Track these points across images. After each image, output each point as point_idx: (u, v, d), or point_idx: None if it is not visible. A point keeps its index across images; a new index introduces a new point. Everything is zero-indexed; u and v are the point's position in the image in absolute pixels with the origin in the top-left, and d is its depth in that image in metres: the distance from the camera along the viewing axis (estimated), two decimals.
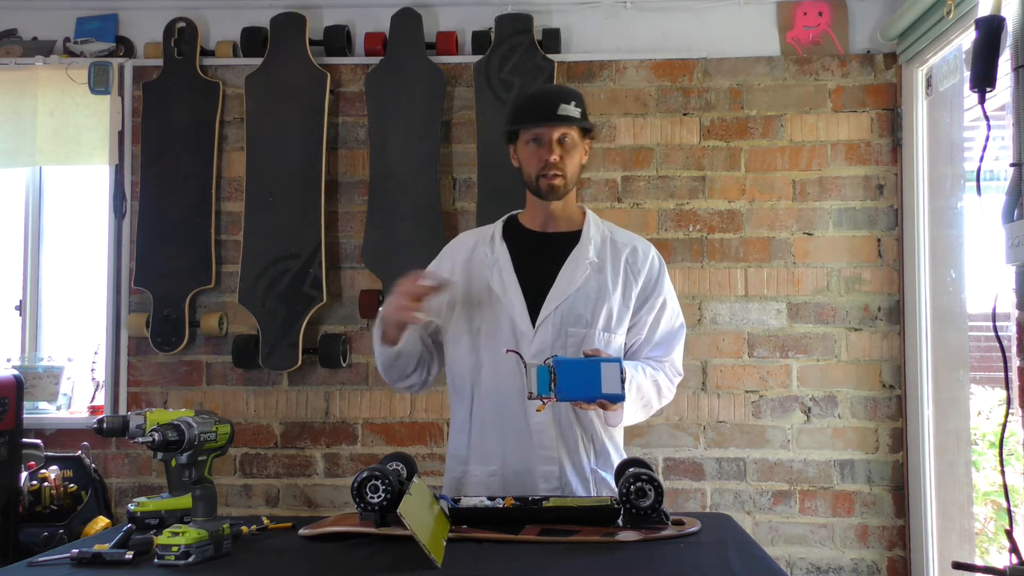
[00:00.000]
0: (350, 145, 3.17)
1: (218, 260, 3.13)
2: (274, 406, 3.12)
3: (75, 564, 1.32)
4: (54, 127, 3.20)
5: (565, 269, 1.81)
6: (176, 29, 3.15)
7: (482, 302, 1.83)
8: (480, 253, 1.87)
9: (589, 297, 1.79)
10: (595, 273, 1.81)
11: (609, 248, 1.86)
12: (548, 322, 1.78)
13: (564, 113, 1.77)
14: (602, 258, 1.84)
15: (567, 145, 1.79)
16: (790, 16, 3.12)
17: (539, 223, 1.88)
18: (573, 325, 1.77)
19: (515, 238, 1.88)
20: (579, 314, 1.78)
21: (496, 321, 1.81)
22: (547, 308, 1.78)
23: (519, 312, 1.79)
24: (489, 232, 1.91)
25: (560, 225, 1.87)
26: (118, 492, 3.10)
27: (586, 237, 1.85)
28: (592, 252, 1.83)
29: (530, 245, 1.86)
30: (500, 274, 1.82)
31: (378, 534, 1.43)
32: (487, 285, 1.83)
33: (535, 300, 1.79)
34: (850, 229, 3.06)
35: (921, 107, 2.95)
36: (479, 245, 1.89)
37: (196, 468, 1.49)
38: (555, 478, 1.77)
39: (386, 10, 3.11)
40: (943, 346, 2.84)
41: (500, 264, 1.83)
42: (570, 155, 1.79)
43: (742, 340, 3.05)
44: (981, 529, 3.11)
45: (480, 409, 1.83)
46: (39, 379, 3.17)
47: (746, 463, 3.03)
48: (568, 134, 1.78)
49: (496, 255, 1.85)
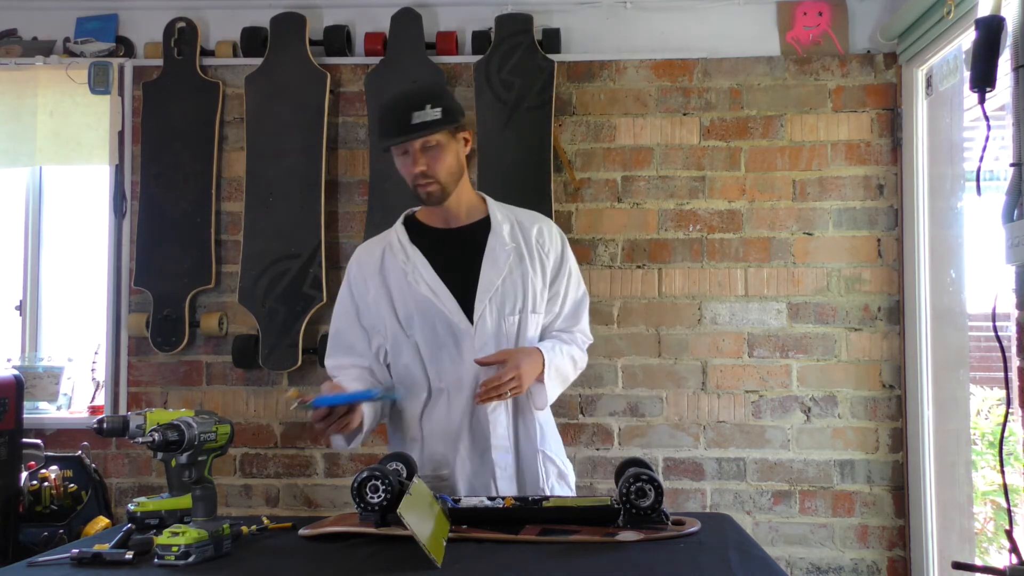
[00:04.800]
0: (350, 145, 3.17)
1: (218, 260, 3.13)
2: (274, 406, 3.12)
3: (75, 564, 1.32)
4: (54, 127, 3.19)
5: (487, 260, 1.82)
6: (176, 29, 3.15)
7: (411, 313, 1.81)
8: (391, 262, 1.85)
9: (516, 282, 1.82)
10: (515, 257, 1.83)
11: (519, 231, 1.88)
12: (485, 315, 1.79)
13: (419, 121, 1.72)
14: (516, 241, 1.86)
15: (433, 151, 1.76)
16: (790, 16, 3.12)
17: (441, 220, 1.88)
18: (510, 313, 1.81)
19: (424, 239, 1.86)
20: (511, 301, 1.81)
21: (432, 326, 1.80)
22: (480, 302, 1.79)
23: (454, 312, 1.79)
24: (391, 238, 1.88)
25: (464, 218, 1.87)
26: (118, 492, 3.10)
27: (496, 224, 1.86)
28: (507, 237, 1.85)
29: (442, 244, 1.85)
30: (423, 279, 1.80)
31: (378, 534, 1.43)
32: (411, 293, 1.81)
33: (465, 297, 1.80)
34: (850, 229, 3.06)
35: (921, 107, 2.95)
36: (386, 254, 1.86)
37: (196, 468, 1.49)
38: (509, 466, 1.81)
39: (386, 10, 3.11)
40: (943, 346, 2.84)
41: (419, 269, 1.81)
42: (438, 159, 1.76)
43: (742, 340, 3.05)
44: (981, 529, 3.11)
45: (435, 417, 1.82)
46: (39, 379, 3.17)
47: (746, 463, 3.03)
48: (431, 140, 1.75)
49: (412, 260, 1.82)
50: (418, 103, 1.73)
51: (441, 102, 1.75)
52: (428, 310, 1.80)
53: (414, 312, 1.81)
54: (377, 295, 1.84)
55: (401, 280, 1.82)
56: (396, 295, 1.83)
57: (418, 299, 1.80)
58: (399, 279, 1.82)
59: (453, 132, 1.79)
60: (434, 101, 1.74)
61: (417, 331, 1.81)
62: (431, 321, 1.80)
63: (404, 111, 1.73)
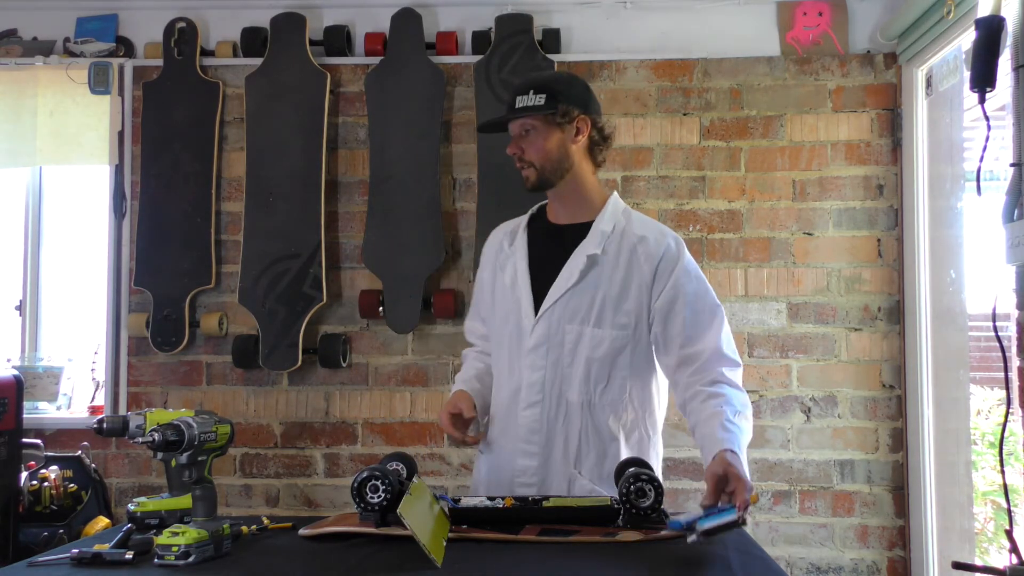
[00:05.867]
0: (350, 145, 3.17)
1: (218, 260, 3.13)
2: (274, 406, 3.12)
3: (75, 564, 1.32)
4: (54, 127, 3.19)
5: (568, 263, 1.78)
6: (176, 29, 3.15)
7: (499, 299, 1.86)
8: (502, 248, 1.90)
9: (586, 292, 1.75)
10: (593, 267, 1.75)
11: (618, 239, 1.78)
12: (546, 317, 1.77)
13: (520, 106, 1.75)
14: (607, 250, 1.76)
15: (530, 136, 1.77)
16: (790, 16, 3.12)
17: (555, 214, 1.87)
18: (569, 321, 1.75)
19: (536, 230, 1.88)
20: (574, 310, 1.75)
21: (505, 315, 1.83)
22: (547, 303, 1.77)
23: (525, 306, 1.80)
24: (515, 225, 1.92)
25: (575, 216, 1.83)
26: (118, 492, 3.10)
27: (595, 229, 1.79)
28: (595, 245, 1.76)
29: (545, 237, 1.86)
30: (514, 268, 1.84)
31: (378, 534, 1.42)
32: (500, 279, 1.86)
33: (541, 295, 1.79)
34: (850, 229, 3.06)
35: (921, 107, 2.95)
36: (505, 239, 1.91)
37: (196, 468, 1.49)
38: (532, 473, 1.77)
39: (386, 10, 3.11)
40: (943, 346, 2.84)
41: (516, 258, 1.85)
42: (531, 144, 1.76)
43: (742, 340, 3.05)
44: (981, 529, 3.11)
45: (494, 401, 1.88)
46: (39, 379, 3.17)
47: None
48: (528, 124, 1.76)
49: (515, 248, 1.86)
50: (524, 89, 1.76)
51: (547, 89, 1.75)
52: (505, 298, 1.83)
53: (498, 298, 1.86)
54: (486, 277, 1.92)
55: (503, 265, 1.87)
56: (496, 278, 1.88)
57: (502, 286, 1.85)
58: (503, 263, 1.88)
59: (554, 119, 1.75)
60: (541, 88, 1.75)
61: (498, 317, 1.86)
62: (505, 309, 1.83)
63: (512, 96, 1.78)
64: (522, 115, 1.76)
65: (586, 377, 1.75)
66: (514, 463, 1.78)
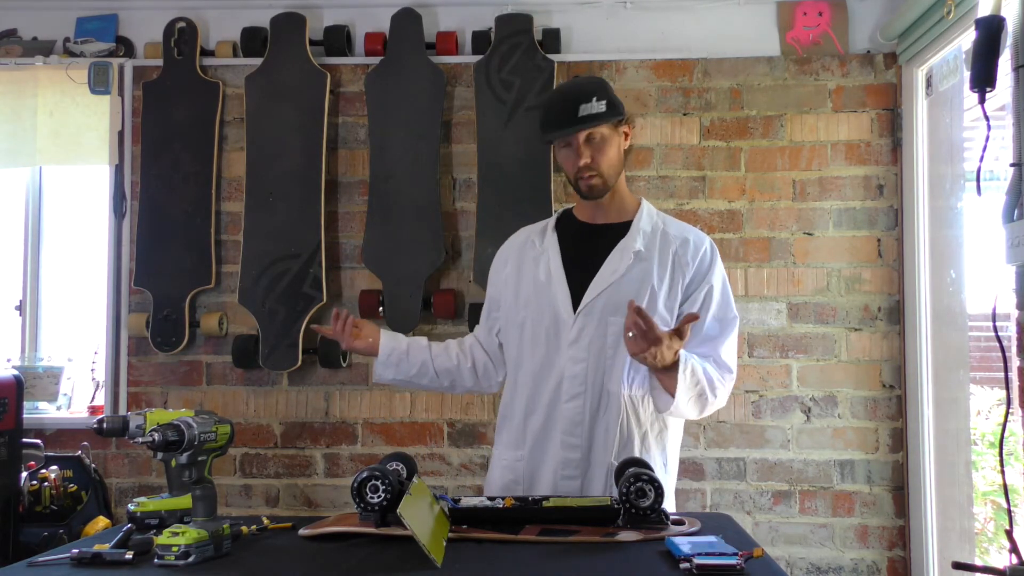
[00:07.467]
0: (350, 145, 3.17)
1: (218, 260, 3.13)
2: (274, 406, 3.12)
3: (75, 564, 1.32)
4: (54, 127, 3.19)
5: (610, 258, 1.81)
6: (176, 29, 3.15)
7: (529, 296, 1.87)
8: (530, 245, 1.91)
9: (632, 286, 1.78)
10: (640, 263, 1.81)
11: (659, 239, 1.84)
12: (588, 310, 1.79)
13: (585, 114, 1.76)
14: (649, 249, 1.82)
15: (596, 143, 1.79)
16: (790, 16, 3.12)
17: (589, 215, 1.90)
18: (614, 314, 1.77)
19: (566, 230, 1.91)
20: (620, 303, 1.75)
21: (539, 310, 1.84)
22: (588, 296, 1.79)
23: (562, 300, 1.81)
24: (542, 226, 1.95)
25: (611, 216, 1.88)
26: (118, 492, 3.10)
27: (635, 227, 1.84)
28: (639, 242, 1.82)
29: (580, 236, 1.89)
30: (547, 264, 1.85)
31: (378, 534, 1.43)
32: (532, 275, 1.87)
33: (579, 290, 1.81)
34: (850, 229, 3.06)
35: (921, 107, 2.95)
36: (529, 239, 1.93)
37: (196, 468, 1.49)
38: (575, 466, 1.79)
39: (386, 10, 3.11)
40: (943, 346, 2.84)
41: (548, 254, 1.87)
42: (601, 152, 1.79)
43: (742, 340, 3.05)
44: (981, 529, 3.11)
45: (520, 397, 1.88)
46: (39, 379, 3.17)
47: (746, 463, 3.03)
48: (594, 133, 1.78)
49: (545, 246, 1.88)
50: (585, 96, 1.77)
51: (605, 95, 1.78)
52: (540, 293, 1.84)
53: (531, 294, 1.86)
54: (509, 273, 1.93)
55: (531, 263, 1.88)
56: (523, 275, 1.89)
57: (536, 281, 1.86)
58: (530, 262, 1.89)
59: (616, 126, 1.81)
60: (599, 93, 1.77)
61: (528, 312, 1.86)
62: (540, 305, 1.84)
63: (572, 104, 1.77)
64: (593, 123, 1.76)
65: (626, 369, 1.79)
66: (557, 456, 1.80)
